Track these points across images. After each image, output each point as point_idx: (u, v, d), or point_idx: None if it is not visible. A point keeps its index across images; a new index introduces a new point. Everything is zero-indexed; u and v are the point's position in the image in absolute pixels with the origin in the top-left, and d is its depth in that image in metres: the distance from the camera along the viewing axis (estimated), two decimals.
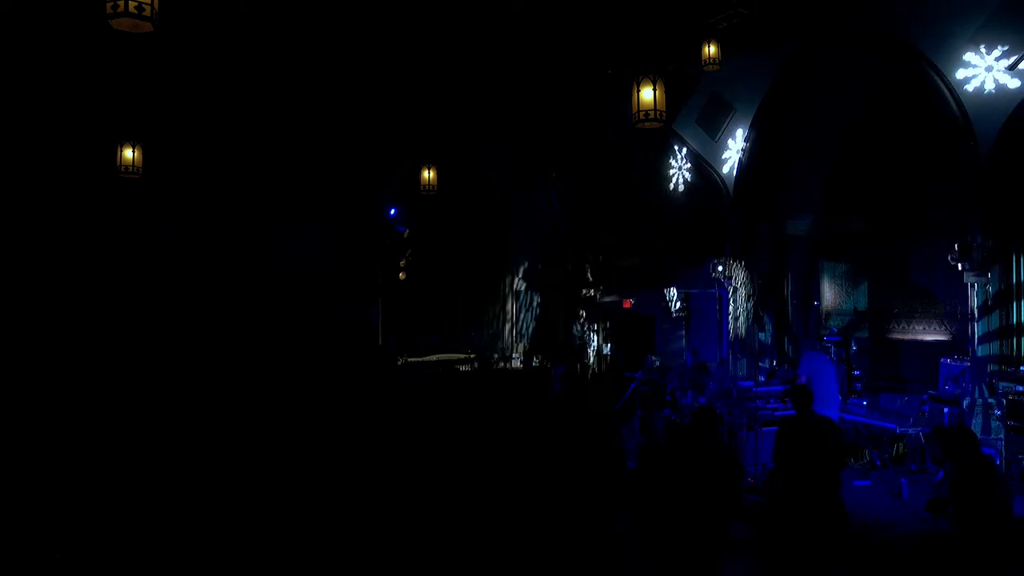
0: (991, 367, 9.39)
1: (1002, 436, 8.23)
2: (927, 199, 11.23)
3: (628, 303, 15.40)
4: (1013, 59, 8.87)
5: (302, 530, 6.27)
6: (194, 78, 11.61)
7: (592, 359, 15.02)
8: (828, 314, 12.82)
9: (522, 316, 16.57)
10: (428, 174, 12.82)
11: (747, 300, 13.03)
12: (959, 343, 10.37)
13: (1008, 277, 9.51)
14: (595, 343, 15.05)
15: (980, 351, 9.58)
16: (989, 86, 9.29)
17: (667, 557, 4.88)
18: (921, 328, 11.47)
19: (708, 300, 13.69)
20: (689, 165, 13.26)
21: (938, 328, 11.23)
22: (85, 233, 11.91)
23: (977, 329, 9.69)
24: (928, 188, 11.12)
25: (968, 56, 9.44)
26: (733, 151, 12.84)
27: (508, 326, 16.53)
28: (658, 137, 12.75)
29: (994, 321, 9.55)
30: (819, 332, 12.43)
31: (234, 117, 12.31)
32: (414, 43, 11.45)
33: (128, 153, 10.20)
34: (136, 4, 5.31)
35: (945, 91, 9.63)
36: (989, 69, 9.30)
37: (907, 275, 11.71)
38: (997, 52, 9.19)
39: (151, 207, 12.20)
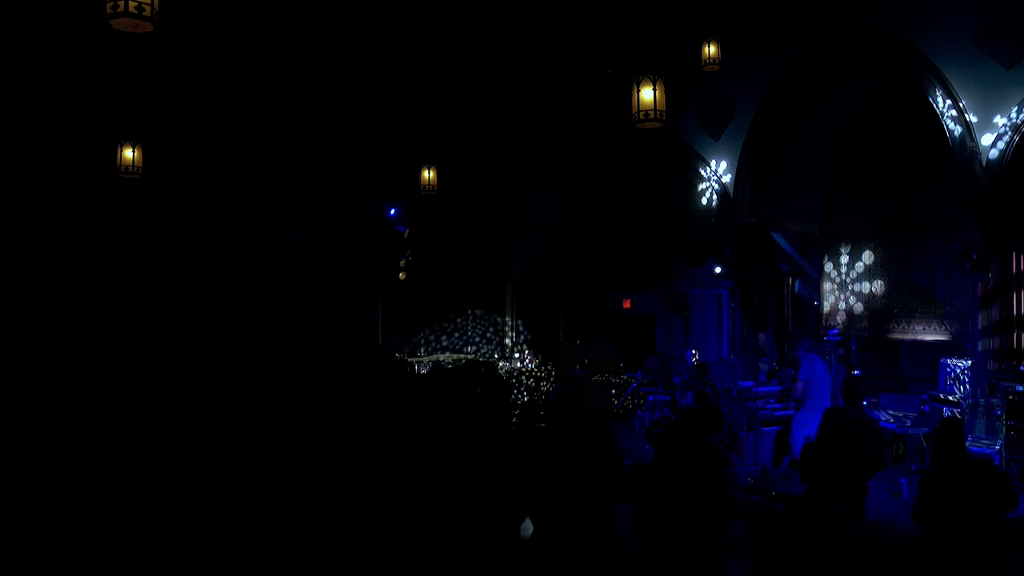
0: (991, 366, 9.39)
1: (1002, 436, 8.23)
2: (927, 199, 11.23)
3: (628, 303, 15.40)
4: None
5: (300, 528, 6.27)
6: (194, 78, 11.61)
7: None
8: (828, 314, 12.82)
9: (522, 316, 16.56)
10: (428, 174, 12.81)
11: (747, 300, 13.02)
12: (959, 343, 10.38)
13: (1008, 277, 9.51)
14: None
15: (980, 351, 9.58)
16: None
17: (668, 556, 4.88)
18: (921, 328, 11.48)
19: (708, 300, 13.68)
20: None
21: (938, 328, 11.24)
22: (85, 233, 11.91)
23: (977, 329, 9.68)
24: (928, 188, 11.12)
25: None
26: (734, 152, 12.83)
27: (508, 326, 16.53)
28: (659, 137, 12.75)
29: (994, 321, 9.55)
30: (819, 332, 12.43)
31: (234, 117, 12.31)
32: (414, 43, 11.45)
33: (128, 153, 10.18)
34: (136, 4, 5.30)
35: (944, 91, 9.64)
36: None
37: (907, 275, 11.72)
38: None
39: (151, 207, 12.20)
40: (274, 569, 5.79)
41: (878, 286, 12.14)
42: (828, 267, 12.99)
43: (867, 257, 12.34)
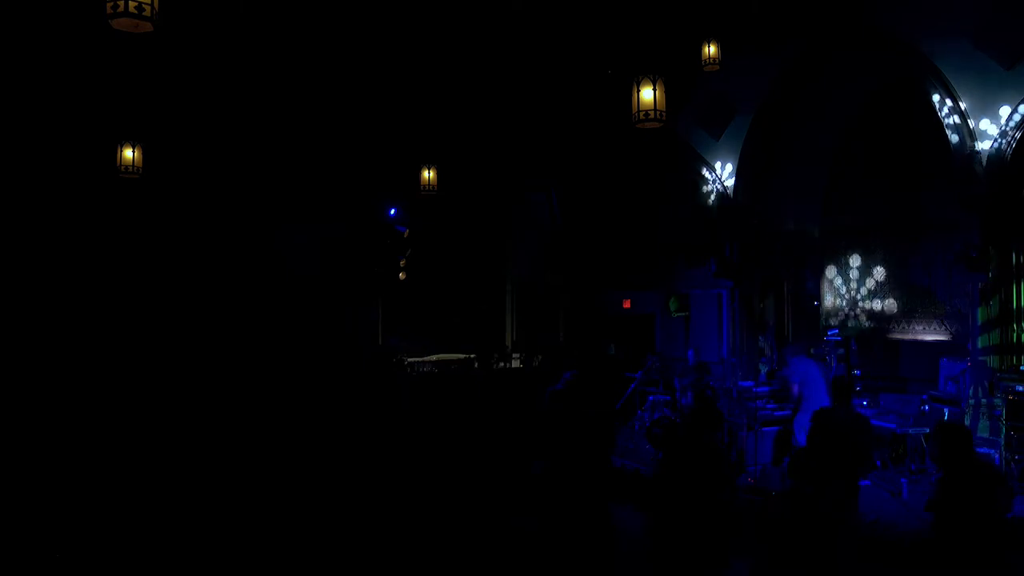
0: (991, 365, 9.38)
1: (1002, 436, 8.22)
2: (927, 199, 11.22)
3: (628, 303, 15.39)
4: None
5: (299, 526, 6.27)
6: (194, 78, 11.62)
7: None
8: (828, 314, 12.82)
9: (522, 316, 16.57)
10: (428, 174, 12.81)
11: (747, 300, 13.01)
12: (959, 343, 10.36)
13: (1008, 277, 9.50)
14: None
15: (980, 350, 9.57)
16: None
17: (670, 555, 4.88)
18: (921, 328, 11.47)
19: (708, 300, 13.69)
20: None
21: (938, 328, 11.23)
22: (85, 233, 11.92)
23: (977, 329, 9.68)
24: (928, 188, 11.12)
25: None
26: (734, 152, 12.82)
27: (508, 326, 16.54)
28: (659, 137, 12.75)
29: (994, 321, 9.54)
30: (819, 332, 12.42)
31: (234, 117, 12.31)
32: (415, 43, 11.45)
33: (128, 153, 10.19)
34: (136, 4, 5.31)
35: (944, 92, 9.64)
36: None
37: (907, 275, 11.71)
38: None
39: (151, 207, 12.21)
40: (275, 566, 5.79)
41: (878, 286, 12.13)
42: (828, 267, 12.98)
43: (867, 257, 12.34)
